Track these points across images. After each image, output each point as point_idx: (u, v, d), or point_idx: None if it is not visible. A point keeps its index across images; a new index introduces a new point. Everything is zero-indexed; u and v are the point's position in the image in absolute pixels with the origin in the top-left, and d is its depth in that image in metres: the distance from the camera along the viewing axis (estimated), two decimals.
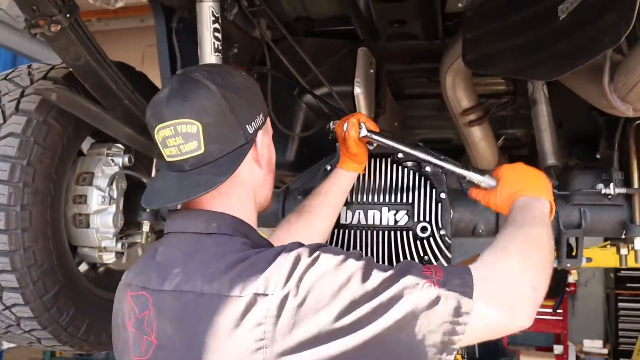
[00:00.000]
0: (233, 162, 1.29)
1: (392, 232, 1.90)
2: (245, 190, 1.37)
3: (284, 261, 1.15)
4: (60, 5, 1.66)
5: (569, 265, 1.97)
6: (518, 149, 3.42)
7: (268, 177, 1.46)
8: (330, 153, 2.10)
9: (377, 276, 1.14)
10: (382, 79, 2.83)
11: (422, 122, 3.84)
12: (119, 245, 2.17)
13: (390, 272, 1.15)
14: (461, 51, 2.30)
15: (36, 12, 1.65)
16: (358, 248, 1.92)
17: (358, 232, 1.93)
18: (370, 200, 1.94)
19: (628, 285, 7.69)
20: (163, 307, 1.21)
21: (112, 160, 2.19)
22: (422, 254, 1.88)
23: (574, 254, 1.99)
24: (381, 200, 1.93)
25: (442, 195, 1.91)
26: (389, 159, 1.96)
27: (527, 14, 1.64)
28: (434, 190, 1.91)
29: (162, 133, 1.28)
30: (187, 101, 1.26)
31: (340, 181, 1.85)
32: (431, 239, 1.87)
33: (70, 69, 1.90)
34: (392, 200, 1.92)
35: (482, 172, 1.63)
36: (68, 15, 1.68)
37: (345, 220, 1.93)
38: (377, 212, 1.92)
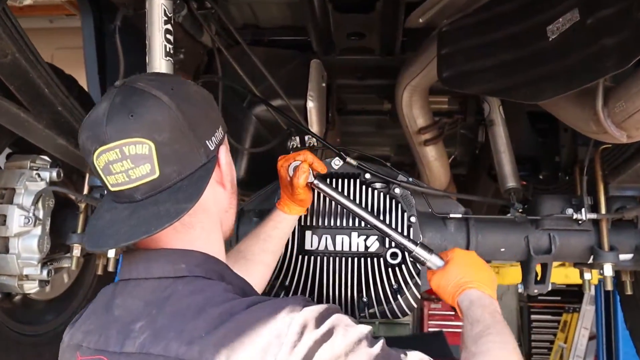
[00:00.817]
0: (197, 185, 1.07)
1: (362, 259, 1.77)
2: (210, 218, 1.16)
3: (287, 330, 0.94)
4: None
5: (536, 291, 1.92)
6: (455, 167, 3.43)
7: (233, 199, 1.24)
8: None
9: None
10: (332, 93, 2.72)
11: (361, 138, 3.79)
12: (45, 272, 1.88)
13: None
14: (420, 69, 2.26)
15: None
16: (325, 276, 1.77)
17: (325, 258, 1.78)
18: (338, 224, 1.79)
19: (540, 298, 8.06)
20: None
21: (38, 175, 1.90)
22: (392, 282, 1.76)
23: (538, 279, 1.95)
24: (350, 224, 1.79)
25: (412, 219, 1.81)
26: (357, 180, 1.83)
27: (510, 31, 1.58)
28: (404, 214, 1.80)
29: (104, 157, 1.04)
30: (133, 116, 1.03)
31: (282, 225, 1.65)
32: (403, 265, 1.76)
33: None
34: (362, 224, 1.78)
35: (429, 249, 1.52)
36: None
37: (311, 246, 1.78)
38: (345, 237, 1.77)
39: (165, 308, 1.01)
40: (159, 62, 1.76)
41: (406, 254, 1.63)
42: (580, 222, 1.83)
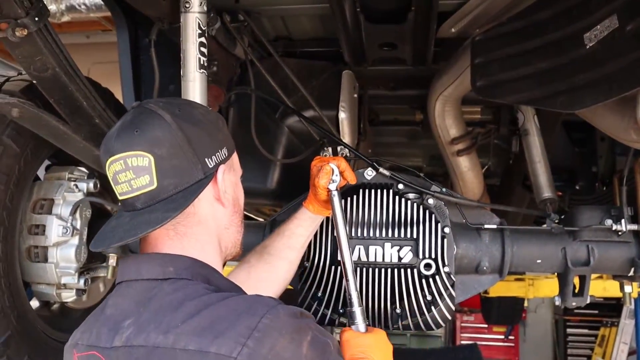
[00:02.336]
0: (188, 198, 1.15)
1: (395, 270, 1.75)
2: (206, 231, 1.23)
3: (257, 324, 1.00)
4: (27, 6, 1.43)
5: (574, 304, 1.88)
6: (489, 178, 3.38)
7: (234, 218, 1.30)
8: None
9: None
10: (364, 104, 2.72)
11: (393, 149, 3.78)
12: (82, 281, 1.92)
13: None
14: (453, 79, 2.25)
15: None
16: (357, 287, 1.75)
17: (358, 269, 1.76)
18: (371, 235, 1.78)
19: (576, 311, 7.86)
20: None
21: (76, 186, 1.94)
22: (426, 293, 1.74)
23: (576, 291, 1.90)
24: (383, 235, 1.78)
25: (446, 230, 1.78)
26: (390, 190, 1.82)
27: (546, 40, 1.55)
28: (438, 225, 1.78)
29: (112, 168, 1.16)
30: (138, 132, 1.14)
31: (306, 223, 1.68)
32: (436, 277, 1.73)
33: (32, 81, 1.67)
34: (396, 235, 1.77)
35: (362, 319, 1.40)
36: (37, 19, 1.45)
37: None
38: (379, 248, 1.76)
39: (150, 305, 1.09)
40: (194, 74, 1.79)
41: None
42: (620, 233, 1.78)
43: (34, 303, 2.05)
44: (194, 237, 1.20)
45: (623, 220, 1.77)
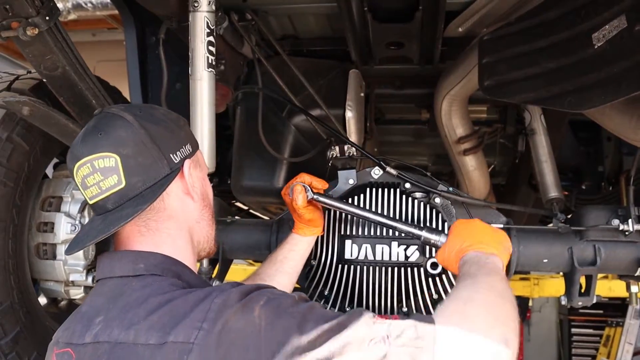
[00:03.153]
0: (157, 192, 1.19)
1: (402, 269, 1.75)
2: (177, 225, 1.25)
3: (210, 306, 1.03)
4: (38, 5, 1.44)
5: (580, 303, 1.87)
6: (494, 177, 3.38)
7: (205, 212, 1.33)
8: (328, 179, 1.95)
9: (317, 327, 1.01)
10: (370, 102, 2.73)
11: (398, 147, 3.78)
12: (90, 278, 1.92)
13: (333, 323, 1.02)
14: (460, 78, 2.25)
15: (9, 12, 1.43)
16: (364, 285, 1.77)
17: (365, 268, 1.77)
18: (378, 233, 1.78)
19: (580, 311, 7.83)
20: None
21: None
22: (432, 292, 1.75)
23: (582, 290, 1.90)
24: (390, 234, 1.78)
25: None
26: (397, 190, 1.82)
27: (555, 39, 1.55)
28: (444, 224, 1.78)
29: (80, 172, 1.18)
30: (102, 134, 1.18)
31: (297, 247, 1.71)
32: (443, 275, 1.74)
33: (42, 80, 1.68)
34: (402, 234, 1.77)
35: (437, 231, 1.53)
36: (47, 18, 1.47)
37: (351, 255, 1.77)
38: (386, 247, 1.77)
39: (118, 302, 1.11)
40: (202, 73, 1.80)
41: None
42: (627, 233, 1.78)
43: (42, 300, 2.07)
44: (166, 232, 1.22)
45: (630, 220, 1.76)
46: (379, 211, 1.81)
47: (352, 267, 1.77)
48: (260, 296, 1.06)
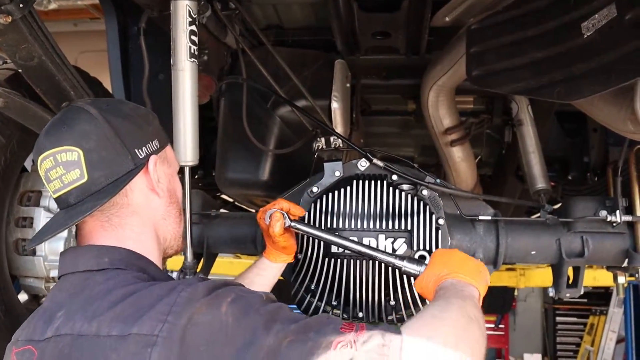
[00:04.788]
0: (118, 186, 1.17)
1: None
2: (141, 221, 1.24)
3: (176, 299, 1.02)
4: None
5: (568, 295, 1.87)
6: (481, 168, 3.37)
7: (171, 209, 1.31)
8: (314, 171, 1.93)
9: (285, 328, 1.01)
10: (356, 93, 2.69)
11: (385, 139, 3.75)
12: None
13: (300, 324, 1.03)
14: (447, 68, 2.22)
15: None
16: (351, 279, 1.74)
17: (351, 261, 1.74)
18: (365, 226, 1.76)
19: (565, 300, 7.90)
20: (45, 357, 1.07)
21: None
22: None
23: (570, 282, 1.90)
24: (377, 226, 1.76)
25: (440, 222, 1.77)
26: (384, 182, 1.80)
27: (543, 29, 1.53)
28: (432, 216, 1.76)
29: (43, 166, 1.17)
30: (65, 128, 1.17)
31: (266, 273, 1.69)
32: None
33: (18, 70, 1.62)
34: (390, 226, 1.75)
35: (417, 261, 1.49)
36: (21, 6, 1.40)
37: (337, 249, 1.74)
38: (373, 240, 1.74)
39: (81, 295, 1.10)
40: (184, 63, 1.75)
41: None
42: (614, 224, 1.78)
43: (22, 297, 2.02)
44: (129, 228, 1.21)
45: (618, 212, 1.76)
46: (366, 204, 1.78)
47: (338, 260, 1.75)
48: (228, 292, 1.06)
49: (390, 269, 1.72)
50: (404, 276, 1.72)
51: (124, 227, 1.21)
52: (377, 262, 1.74)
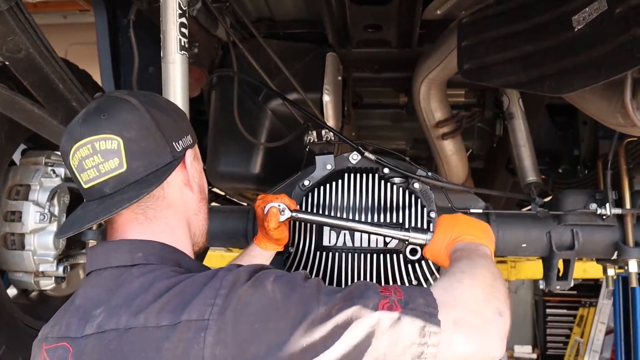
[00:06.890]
0: (160, 178, 1.15)
1: (381, 255, 1.73)
2: (175, 215, 1.22)
3: (221, 283, 1.03)
4: None
5: (558, 287, 1.89)
6: (472, 161, 3.38)
7: (202, 205, 1.30)
8: (306, 164, 1.92)
9: (330, 298, 1.04)
10: (348, 86, 2.69)
11: (376, 132, 3.75)
12: (60, 269, 1.87)
13: (344, 292, 1.06)
14: (438, 61, 2.22)
15: None
16: (343, 272, 1.74)
17: (343, 254, 1.74)
18: (357, 219, 1.76)
19: (555, 292, 7.96)
20: (84, 354, 1.05)
21: (53, 171, 1.89)
22: (412, 278, 1.73)
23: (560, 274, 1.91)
24: (369, 219, 1.75)
25: (432, 215, 1.77)
26: (376, 175, 1.79)
27: (534, 22, 1.53)
28: (424, 209, 1.76)
29: (78, 155, 1.13)
30: (105, 116, 1.13)
31: (256, 260, 1.68)
32: (422, 261, 1.72)
33: (5, 63, 1.60)
34: (381, 220, 1.75)
35: (422, 230, 1.53)
36: None
37: (329, 242, 1.74)
38: (364, 233, 1.74)
39: (119, 291, 1.08)
40: (174, 56, 1.73)
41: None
42: (604, 217, 1.79)
43: (12, 291, 2.01)
44: (164, 221, 1.19)
45: (607, 204, 1.77)
46: (357, 197, 1.78)
47: (330, 254, 1.74)
48: (268, 274, 1.07)
49: (382, 261, 1.72)
50: (396, 270, 1.72)
51: (158, 221, 1.18)
52: (368, 255, 1.75)
